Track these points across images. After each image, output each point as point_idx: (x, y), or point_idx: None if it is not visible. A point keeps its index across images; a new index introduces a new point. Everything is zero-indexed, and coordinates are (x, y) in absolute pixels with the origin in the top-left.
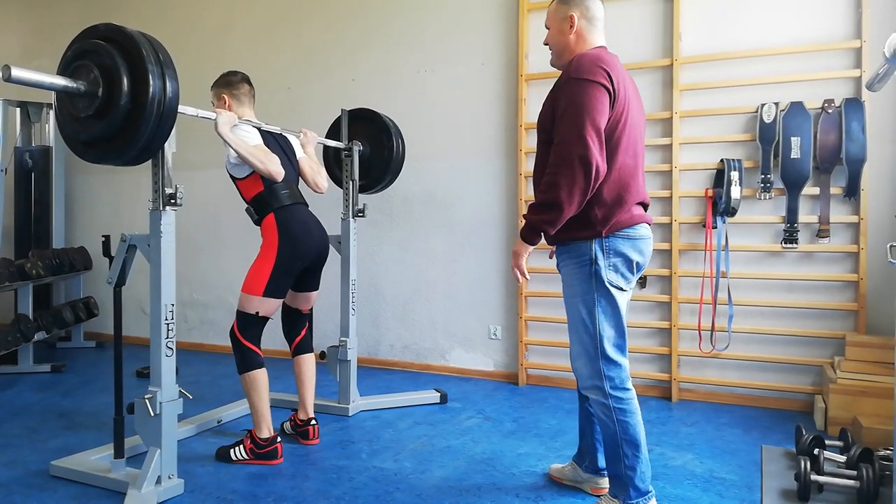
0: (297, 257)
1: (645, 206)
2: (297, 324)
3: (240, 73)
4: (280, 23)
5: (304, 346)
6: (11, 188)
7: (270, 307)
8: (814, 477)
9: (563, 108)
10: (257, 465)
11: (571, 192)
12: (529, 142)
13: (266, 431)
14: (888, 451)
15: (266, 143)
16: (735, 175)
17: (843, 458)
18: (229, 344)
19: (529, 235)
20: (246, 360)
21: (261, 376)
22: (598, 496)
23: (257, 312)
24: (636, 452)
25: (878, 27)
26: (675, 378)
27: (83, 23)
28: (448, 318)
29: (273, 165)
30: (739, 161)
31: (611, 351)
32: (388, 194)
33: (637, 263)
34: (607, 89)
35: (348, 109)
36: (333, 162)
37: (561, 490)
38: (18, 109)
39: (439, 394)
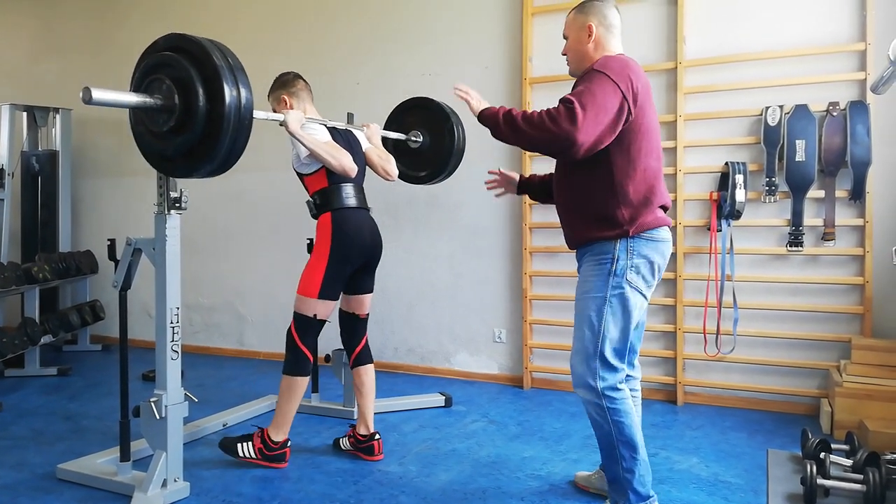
0: (349, 260)
1: (665, 208)
2: (356, 331)
3: (291, 71)
4: (282, 28)
5: (365, 357)
6: (18, 192)
7: (327, 310)
8: (820, 481)
9: (579, 89)
10: (263, 468)
11: (533, 143)
12: None
13: (282, 435)
14: (895, 455)
15: (333, 139)
16: (739, 178)
17: (849, 462)
18: (234, 347)
19: (488, 119)
20: (298, 363)
21: (303, 384)
22: None
23: (315, 315)
24: (633, 454)
25: (883, 30)
26: (681, 381)
27: (89, 27)
28: (453, 321)
29: (347, 161)
30: (744, 164)
31: (609, 354)
32: (392, 197)
33: (658, 266)
34: (623, 95)
35: (403, 100)
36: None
37: (566, 494)
38: (25, 114)
39: (444, 397)
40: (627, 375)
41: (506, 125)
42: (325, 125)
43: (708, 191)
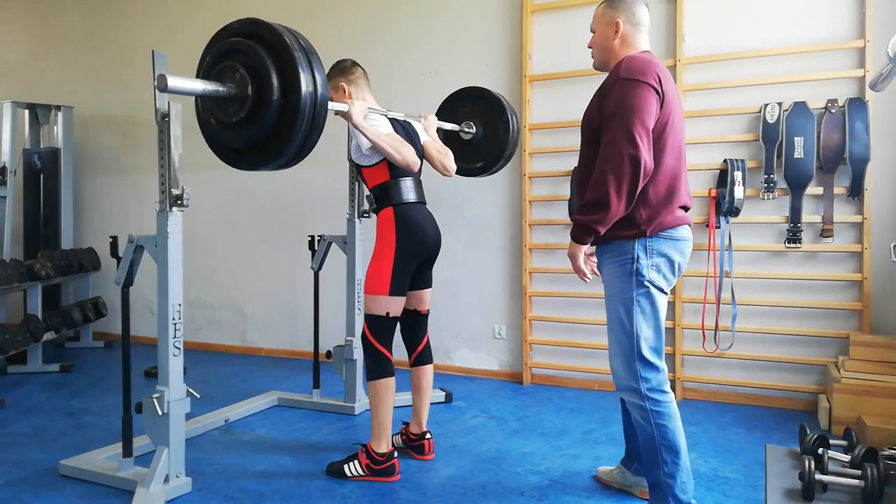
0: (415, 254)
1: (686, 208)
2: (417, 328)
3: (348, 59)
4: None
5: (425, 357)
6: (20, 190)
7: (398, 306)
8: (818, 476)
9: (612, 107)
10: (265, 464)
11: (620, 191)
12: (533, 143)
13: (385, 446)
14: (893, 451)
15: (395, 130)
16: (738, 175)
17: (847, 458)
18: (236, 343)
19: (580, 235)
20: (379, 366)
21: (391, 385)
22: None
23: (388, 313)
24: (675, 459)
25: (882, 27)
26: (679, 377)
27: (91, 24)
28: (453, 318)
29: (410, 156)
30: (743, 161)
31: (647, 353)
32: None
33: (678, 265)
34: (656, 91)
35: (454, 90)
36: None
37: (565, 489)
38: (27, 111)
39: (444, 393)
40: None
41: (590, 213)
42: (386, 116)
43: (707, 188)
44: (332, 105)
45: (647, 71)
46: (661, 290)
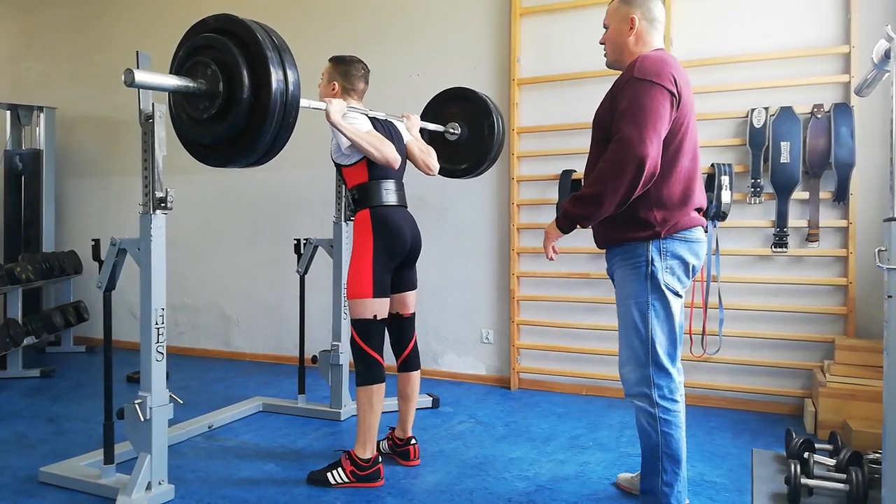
0: (393, 254)
1: (700, 209)
2: (403, 332)
3: (363, 65)
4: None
5: (412, 363)
6: (1, 191)
7: (384, 308)
8: (804, 480)
9: (624, 107)
10: (249, 470)
11: (616, 191)
12: (521, 146)
13: (369, 451)
14: (877, 455)
15: (375, 129)
16: (725, 179)
17: (832, 462)
18: (220, 348)
19: (563, 224)
20: (370, 370)
21: (381, 392)
22: None
23: (375, 316)
24: (676, 469)
25: (867, 33)
26: None
27: (74, 24)
28: (440, 323)
29: (390, 153)
30: (730, 165)
31: (663, 358)
32: None
33: (693, 266)
34: (671, 93)
35: (441, 91)
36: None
37: (552, 495)
38: (8, 112)
39: (431, 398)
40: None
41: (580, 206)
42: (367, 115)
43: None
44: (310, 103)
45: (661, 72)
46: (676, 293)
